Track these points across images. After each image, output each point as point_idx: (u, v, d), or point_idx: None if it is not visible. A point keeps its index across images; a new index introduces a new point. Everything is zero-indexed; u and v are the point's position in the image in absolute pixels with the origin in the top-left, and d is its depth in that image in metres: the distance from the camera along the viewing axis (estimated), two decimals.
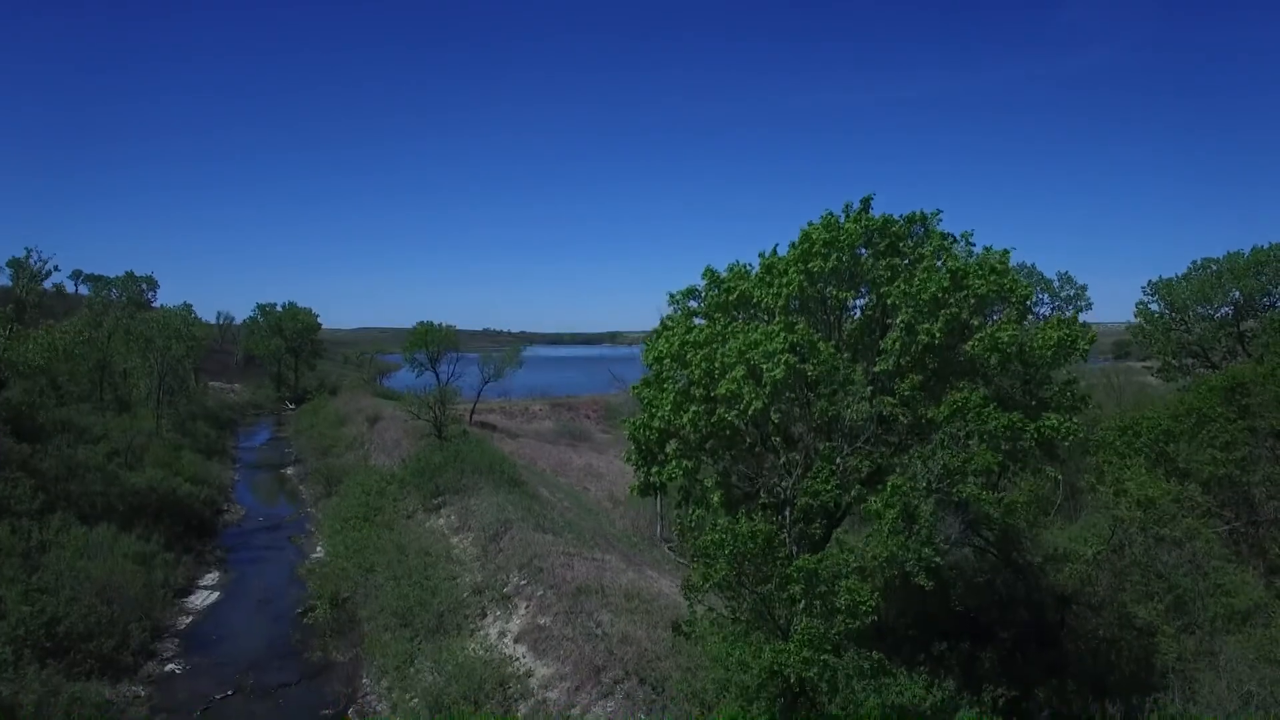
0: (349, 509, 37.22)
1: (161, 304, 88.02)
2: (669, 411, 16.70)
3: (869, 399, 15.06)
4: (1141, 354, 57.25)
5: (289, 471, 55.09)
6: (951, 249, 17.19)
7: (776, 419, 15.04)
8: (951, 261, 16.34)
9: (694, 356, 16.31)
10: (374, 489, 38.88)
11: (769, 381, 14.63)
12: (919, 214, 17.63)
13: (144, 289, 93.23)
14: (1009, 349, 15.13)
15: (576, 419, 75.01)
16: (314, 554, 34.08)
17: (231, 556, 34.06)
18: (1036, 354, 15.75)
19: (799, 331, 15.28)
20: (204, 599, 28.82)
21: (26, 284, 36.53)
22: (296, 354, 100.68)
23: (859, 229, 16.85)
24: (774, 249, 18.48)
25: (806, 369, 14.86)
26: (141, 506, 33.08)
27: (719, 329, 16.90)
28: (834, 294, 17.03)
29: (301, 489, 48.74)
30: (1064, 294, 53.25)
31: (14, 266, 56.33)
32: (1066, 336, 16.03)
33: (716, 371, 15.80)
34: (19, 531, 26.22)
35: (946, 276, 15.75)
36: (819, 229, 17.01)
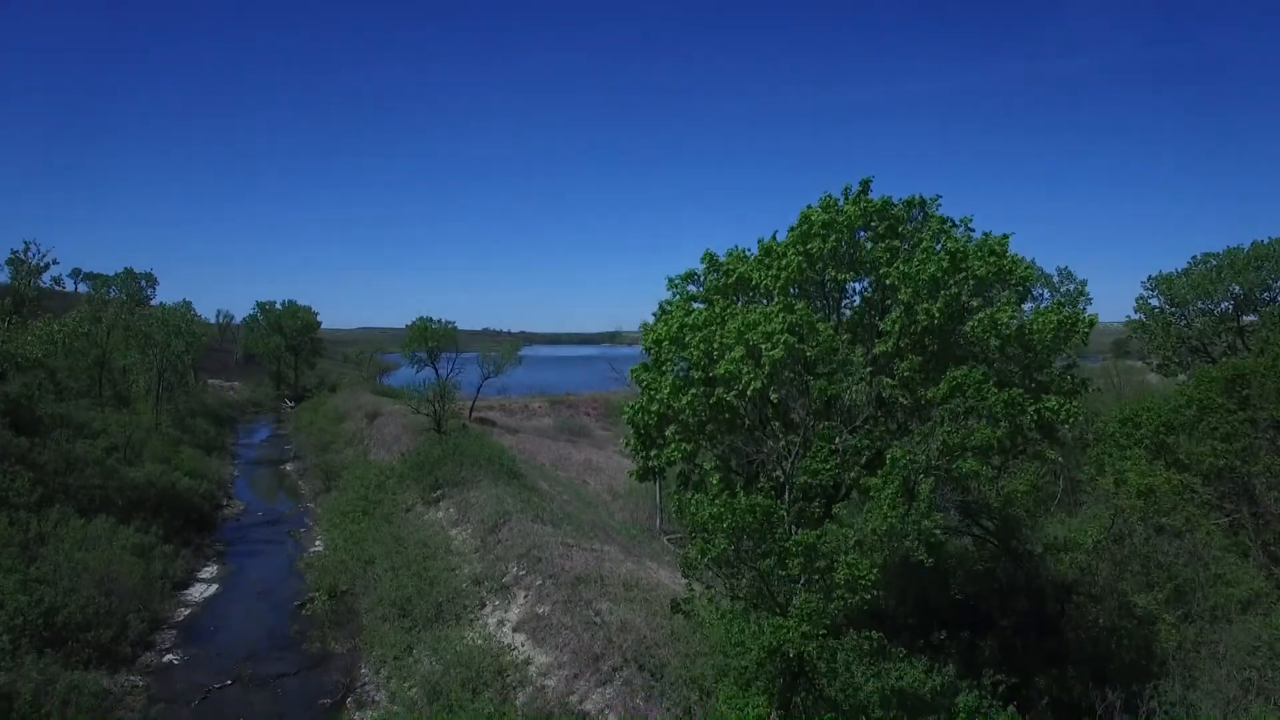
0: (348, 503, 37.22)
1: (160, 301, 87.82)
2: (667, 395, 16.62)
3: (868, 379, 14.98)
4: (1141, 351, 57.16)
5: (288, 468, 55.08)
6: (951, 233, 17.11)
7: (775, 399, 14.97)
8: (951, 243, 16.26)
9: (692, 339, 16.23)
10: (373, 483, 38.87)
11: (768, 361, 14.55)
12: (918, 198, 17.56)
13: (143, 285, 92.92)
14: (1008, 330, 15.06)
15: (576, 416, 74.95)
16: (313, 548, 34.04)
17: (230, 550, 34.02)
18: (1036, 337, 15.68)
19: (798, 312, 15.21)
20: (202, 591, 28.79)
21: (25, 278, 36.41)
22: (296, 352, 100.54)
23: (858, 211, 16.76)
24: (773, 235, 18.44)
25: (805, 349, 14.80)
26: (140, 500, 33.03)
27: (718, 311, 16.83)
28: (833, 275, 16.95)
29: (301, 484, 48.75)
30: (1064, 289, 53.11)
31: (12, 265, 56.31)
32: (1066, 320, 15.96)
33: (715, 352, 15.72)
34: (17, 523, 26.15)
35: (946, 258, 15.66)
36: (817, 211, 16.93)
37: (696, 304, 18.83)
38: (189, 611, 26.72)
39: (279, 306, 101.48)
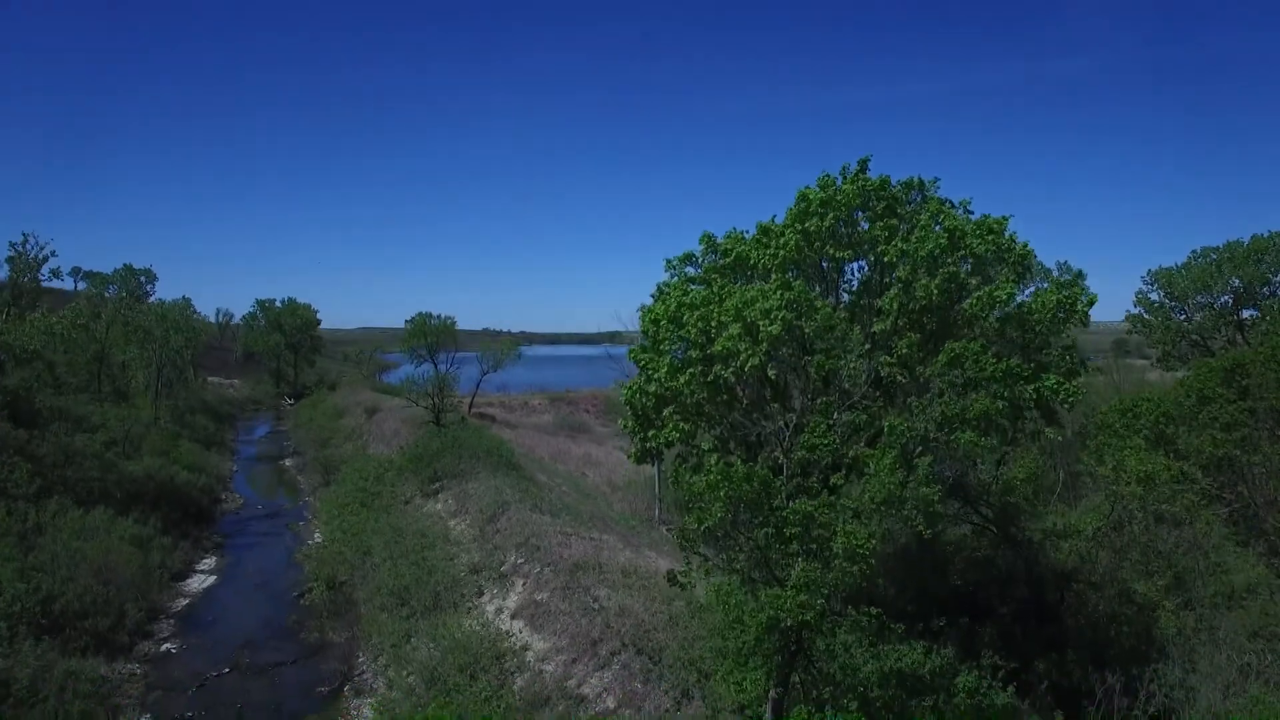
0: (346, 495, 37.20)
1: (160, 299, 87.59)
2: (665, 375, 16.57)
3: (866, 356, 14.93)
4: (1142, 349, 57.07)
5: (287, 463, 55.12)
6: (950, 213, 17.05)
7: (773, 375, 14.94)
8: (950, 221, 16.21)
9: (690, 318, 16.17)
10: (371, 476, 38.85)
11: (765, 338, 14.51)
12: (917, 180, 17.52)
13: (142, 281, 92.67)
14: (1007, 308, 15.01)
15: (576, 413, 74.92)
16: (311, 540, 34.01)
17: (229, 543, 34.01)
18: (1035, 316, 15.63)
19: (796, 289, 15.16)
20: (201, 582, 28.77)
21: (24, 272, 36.42)
22: (296, 350, 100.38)
23: (856, 189, 16.69)
24: (771, 218, 18.37)
25: (803, 326, 14.75)
26: (139, 493, 33.00)
27: (715, 291, 16.77)
28: (831, 254, 16.90)
29: (300, 479, 48.77)
30: (1063, 280, 52.97)
31: (11, 263, 56.14)
32: (1066, 300, 15.91)
33: (713, 330, 15.67)
34: (15, 513, 26.12)
35: (944, 235, 15.60)
36: (815, 190, 16.87)
37: (695, 286, 18.80)
38: (187, 602, 26.69)
39: (279, 304, 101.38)
